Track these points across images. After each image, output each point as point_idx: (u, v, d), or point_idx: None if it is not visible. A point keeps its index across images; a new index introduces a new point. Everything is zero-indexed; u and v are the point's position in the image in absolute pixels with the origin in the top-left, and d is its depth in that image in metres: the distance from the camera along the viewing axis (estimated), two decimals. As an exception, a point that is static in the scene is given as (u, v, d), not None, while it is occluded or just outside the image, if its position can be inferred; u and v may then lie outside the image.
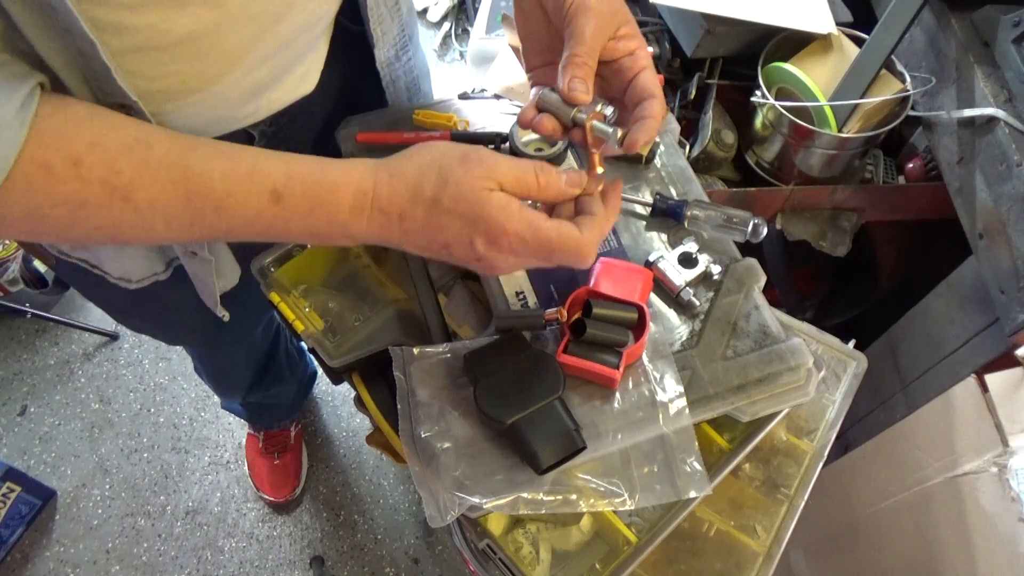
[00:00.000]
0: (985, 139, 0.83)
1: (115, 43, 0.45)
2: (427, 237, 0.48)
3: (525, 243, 0.47)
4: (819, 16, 0.97)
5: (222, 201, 0.46)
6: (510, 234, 0.46)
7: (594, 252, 0.49)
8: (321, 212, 0.47)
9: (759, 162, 1.03)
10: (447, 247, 0.48)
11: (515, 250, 0.47)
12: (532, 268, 0.53)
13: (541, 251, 0.48)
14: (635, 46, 0.53)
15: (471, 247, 0.47)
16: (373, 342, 0.65)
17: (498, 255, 0.48)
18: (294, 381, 1.41)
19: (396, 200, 0.47)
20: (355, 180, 0.48)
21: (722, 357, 0.59)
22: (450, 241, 0.48)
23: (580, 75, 0.50)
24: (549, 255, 0.48)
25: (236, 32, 0.50)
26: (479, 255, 0.48)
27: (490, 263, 0.49)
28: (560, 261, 0.49)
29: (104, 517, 1.53)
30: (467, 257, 0.48)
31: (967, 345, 0.86)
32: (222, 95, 0.55)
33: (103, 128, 0.44)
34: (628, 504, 0.54)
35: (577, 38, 0.50)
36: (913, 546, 0.93)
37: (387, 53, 0.70)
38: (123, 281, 0.71)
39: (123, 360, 1.74)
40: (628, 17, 0.53)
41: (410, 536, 1.52)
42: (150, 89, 0.49)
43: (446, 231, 0.47)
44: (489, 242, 0.47)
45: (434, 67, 2.29)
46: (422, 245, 0.49)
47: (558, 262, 0.49)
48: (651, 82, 0.53)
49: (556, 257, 0.48)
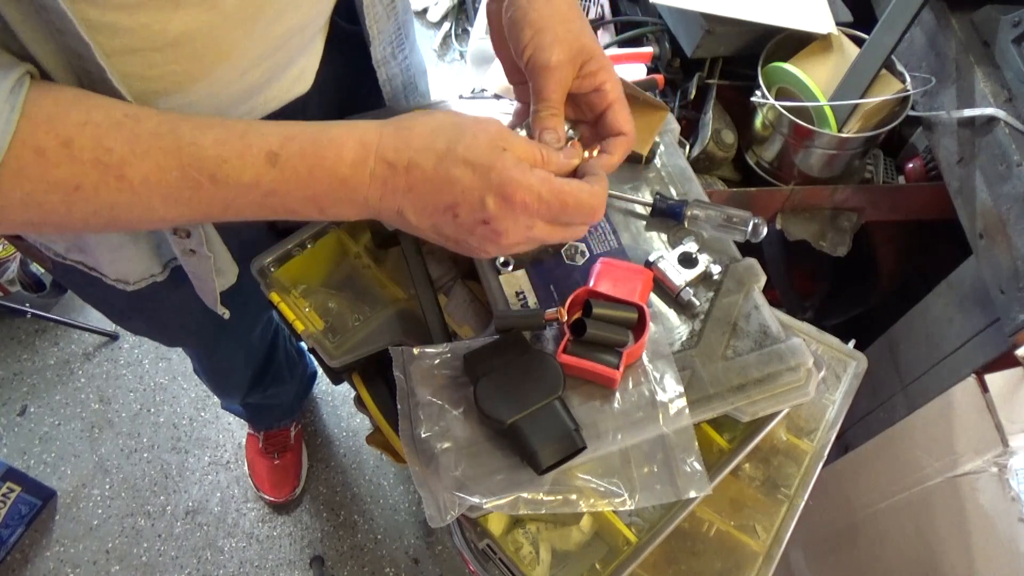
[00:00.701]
0: (985, 139, 0.83)
1: (109, 44, 0.44)
2: (434, 193, 0.46)
3: (540, 198, 0.46)
4: (819, 16, 0.97)
5: (217, 168, 0.44)
6: (524, 188, 0.45)
7: (604, 207, 0.50)
8: (321, 172, 0.46)
9: (759, 162, 1.03)
10: (453, 208, 0.46)
11: (528, 207, 0.46)
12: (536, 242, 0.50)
13: (555, 206, 0.46)
14: (601, 80, 0.53)
15: (481, 206, 0.45)
16: (373, 342, 0.65)
17: (509, 215, 0.46)
18: (294, 381, 1.41)
19: (404, 150, 0.46)
20: (358, 132, 0.47)
21: (722, 357, 0.59)
22: (458, 199, 0.46)
23: (548, 126, 0.52)
24: (562, 210, 0.47)
25: (231, 33, 0.50)
26: (488, 215, 0.46)
27: (497, 228, 0.46)
28: (571, 219, 0.48)
29: (104, 517, 1.53)
30: (473, 221, 0.46)
31: (967, 345, 0.86)
32: (217, 96, 0.55)
33: (91, 108, 0.43)
34: (628, 504, 0.54)
35: (537, 95, 0.52)
36: (913, 546, 0.93)
37: (383, 51, 0.70)
38: (120, 283, 0.71)
39: (123, 360, 1.74)
40: (593, 51, 0.53)
41: (410, 536, 1.52)
42: (145, 90, 0.49)
43: (456, 185, 0.45)
44: (502, 198, 0.45)
45: (434, 67, 2.29)
46: (426, 205, 0.47)
47: (568, 220, 0.48)
48: (620, 119, 0.54)
49: (569, 213, 0.47)
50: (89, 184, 0.43)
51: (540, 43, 0.51)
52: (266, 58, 0.56)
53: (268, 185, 0.45)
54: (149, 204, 0.45)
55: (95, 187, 0.43)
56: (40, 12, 0.41)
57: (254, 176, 0.45)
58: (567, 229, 0.50)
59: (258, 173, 0.45)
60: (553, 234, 0.49)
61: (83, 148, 0.42)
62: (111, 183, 0.43)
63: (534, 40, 0.51)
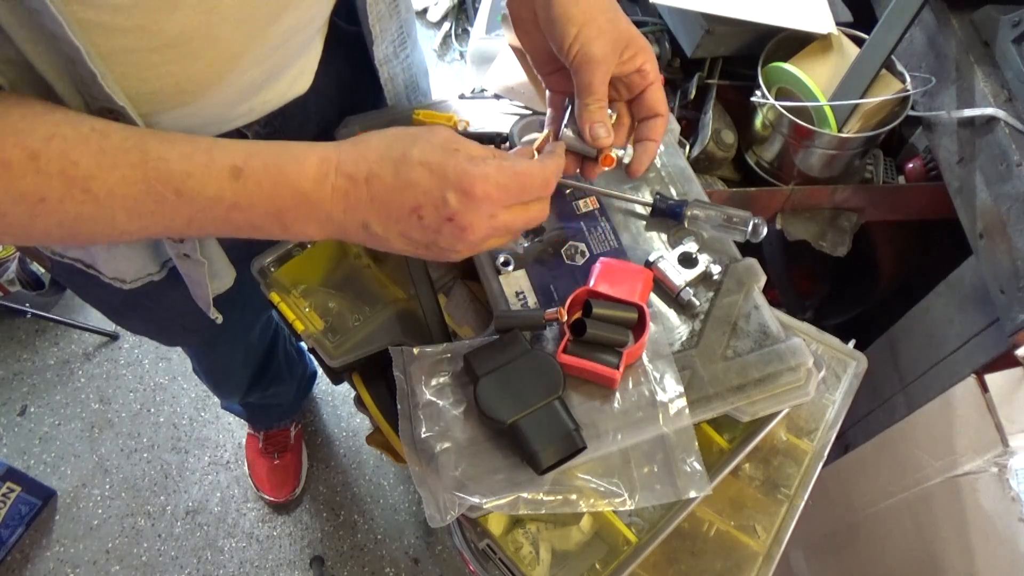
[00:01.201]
0: (985, 139, 0.83)
1: (106, 44, 0.44)
2: (396, 200, 0.47)
3: (498, 185, 0.47)
4: (819, 16, 0.97)
5: (182, 183, 0.44)
6: (481, 178, 0.46)
7: (554, 183, 0.52)
8: (284, 186, 0.46)
9: (759, 162, 1.03)
10: (416, 210, 0.47)
11: (488, 195, 0.47)
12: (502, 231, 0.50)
13: (513, 188, 0.48)
14: (641, 62, 0.55)
15: (443, 203, 0.46)
16: (373, 342, 0.65)
17: (471, 207, 0.47)
18: (293, 381, 1.41)
19: (362, 163, 0.47)
20: (319, 150, 0.48)
21: (722, 357, 0.59)
22: (420, 200, 0.47)
23: (598, 119, 0.54)
24: (520, 191, 0.49)
25: (229, 33, 0.50)
26: (451, 211, 0.47)
27: (461, 222, 0.47)
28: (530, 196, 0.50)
29: (104, 517, 1.53)
30: (439, 219, 0.47)
31: (967, 345, 0.86)
32: (215, 96, 0.55)
33: (59, 122, 0.43)
34: (628, 504, 0.54)
35: (585, 89, 0.53)
36: (913, 546, 0.93)
37: (385, 51, 0.70)
38: (117, 281, 0.71)
39: (123, 360, 1.74)
40: (632, 34, 0.55)
41: (410, 536, 1.52)
42: (142, 91, 0.49)
43: (416, 188, 0.46)
44: (462, 193, 0.46)
45: (434, 67, 2.29)
46: (390, 213, 0.48)
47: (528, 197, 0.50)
48: (657, 99, 0.56)
49: (527, 191, 0.49)
50: (54, 196, 0.43)
51: (587, 37, 0.52)
52: (265, 58, 0.56)
53: (231, 199, 0.46)
54: (113, 217, 0.45)
55: (60, 199, 0.43)
56: (32, 15, 0.41)
57: (218, 190, 0.45)
58: (527, 209, 0.51)
59: (222, 187, 0.45)
60: (515, 218, 0.50)
61: (49, 161, 0.42)
62: (76, 195, 0.43)
63: (580, 35, 0.52)
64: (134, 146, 0.44)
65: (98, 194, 0.44)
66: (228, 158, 0.46)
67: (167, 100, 0.51)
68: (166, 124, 0.53)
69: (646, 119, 0.57)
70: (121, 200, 0.44)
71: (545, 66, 0.60)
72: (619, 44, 0.53)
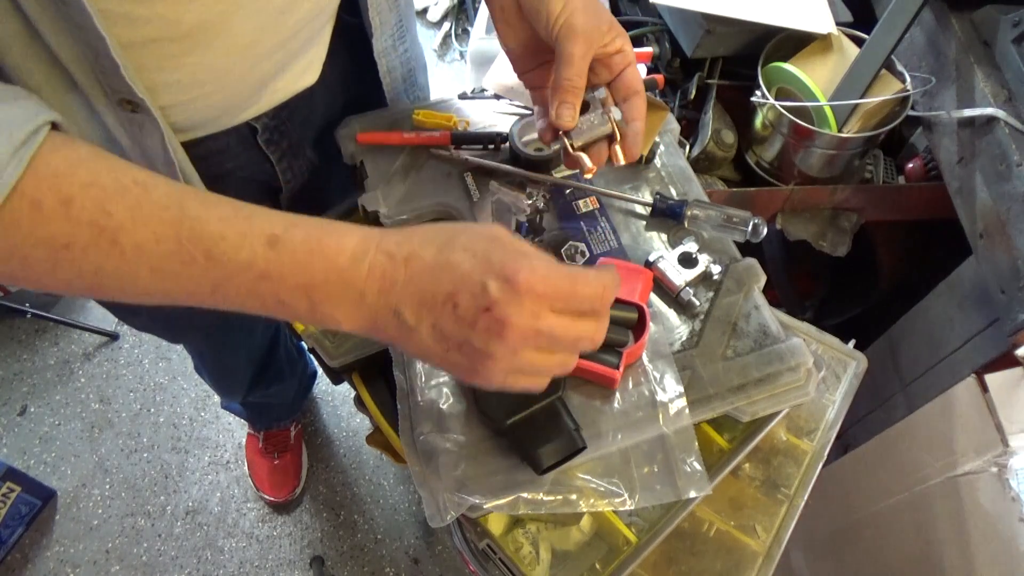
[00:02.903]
0: (985, 139, 0.83)
1: (126, 35, 0.45)
2: (433, 282, 0.43)
3: (546, 280, 0.41)
4: (819, 16, 0.97)
5: (214, 245, 0.42)
6: (528, 268, 0.41)
7: (612, 295, 0.45)
8: (319, 258, 0.43)
9: (759, 162, 1.03)
10: (452, 296, 0.42)
11: (532, 288, 0.41)
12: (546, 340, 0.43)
13: (563, 288, 0.42)
14: (620, 44, 0.56)
15: (482, 290, 0.41)
16: (373, 342, 0.65)
17: (513, 299, 0.41)
18: (294, 380, 1.41)
19: (405, 244, 0.44)
20: (363, 229, 0.45)
21: (722, 357, 0.59)
22: (457, 286, 0.42)
23: (568, 100, 0.53)
24: (571, 293, 0.43)
25: (244, 23, 0.51)
26: (490, 300, 0.41)
27: (500, 315, 0.41)
28: (580, 304, 0.44)
29: (104, 517, 1.53)
30: (475, 309, 0.42)
31: (967, 345, 0.86)
32: (230, 86, 0.56)
33: (102, 170, 0.42)
34: (628, 504, 0.54)
35: (566, 60, 0.53)
36: (913, 546, 0.93)
37: (384, 43, 0.71)
38: None
39: (123, 360, 1.74)
40: (611, 18, 0.55)
41: (410, 536, 1.52)
42: (160, 81, 0.49)
43: (455, 271, 0.42)
44: (504, 280, 0.41)
45: (434, 67, 2.29)
46: (424, 297, 0.43)
47: (578, 305, 0.44)
48: (635, 77, 0.56)
49: (578, 296, 0.43)
50: (79, 244, 0.41)
51: (572, 10, 0.53)
52: (278, 48, 0.57)
53: (262, 267, 0.43)
54: (136, 273, 0.43)
55: (84, 248, 0.41)
56: (59, 7, 0.41)
57: (250, 256, 0.43)
58: (580, 321, 0.44)
59: (255, 253, 0.43)
60: (564, 327, 0.43)
61: (83, 209, 0.40)
62: (103, 246, 0.41)
63: (566, 8, 0.53)
64: (173, 203, 0.42)
65: (125, 247, 0.42)
66: (268, 226, 0.43)
67: (183, 91, 0.52)
68: (180, 115, 0.54)
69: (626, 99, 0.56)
70: (148, 256, 0.42)
71: (528, 60, 0.60)
72: (602, 22, 0.54)
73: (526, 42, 0.58)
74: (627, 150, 0.56)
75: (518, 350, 0.42)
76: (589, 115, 0.55)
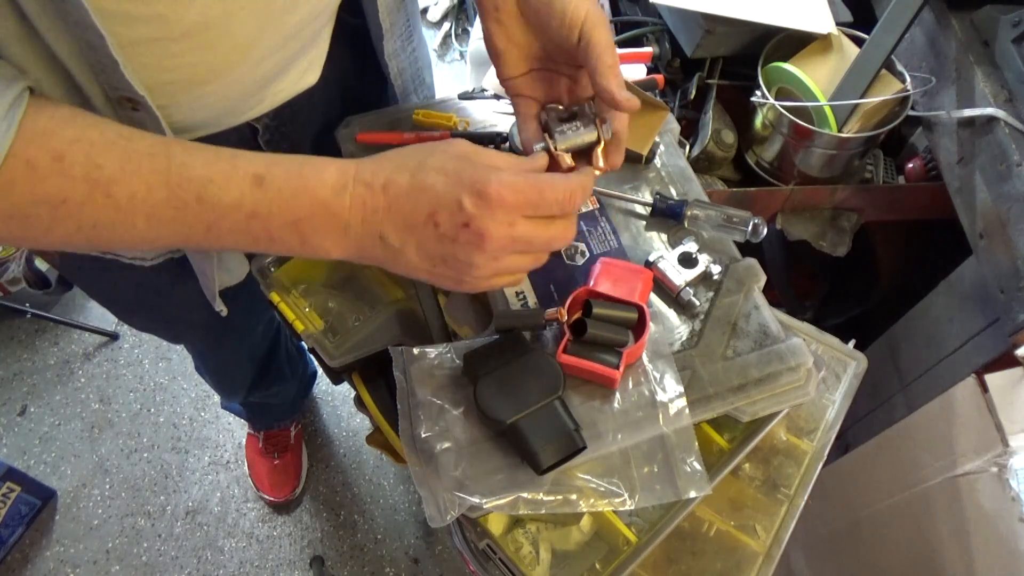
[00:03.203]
0: (985, 139, 0.83)
1: (126, 34, 0.45)
2: (412, 205, 0.47)
3: (514, 188, 0.45)
4: (819, 16, 0.97)
5: (203, 188, 0.45)
6: (496, 180, 0.45)
7: (581, 199, 0.49)
8: (303, 194, 0.47)
9: (759, 162, 1.03)
10: (432, 216, 0.46)
11: (504, 199, 0.45)
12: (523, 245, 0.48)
13: (531, 195, 0.46)
14: None
15: (459, 207, 0.45)
16: (373, 342, 0.65)
17: (487, 211, 0.45)
18: (294, 380, 1.41)
19: (379, 172, 0.47)
20: (338, 162, 0.48)
21: (722, 357, 0.59)
22: (435, 206, 0.46)
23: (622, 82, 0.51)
24: (540, 199, 0.46)
25: (245, 23, 0.51)
26: (467, 216, 0.45)
27: (478, 228, 0.45)
28: (550, 207, 0.47)
29: (104, 517, 1.53)
30: (455, 226, 0.46)
31: (967, 345, 0.86)
32: (230, 87, 0.55)
33: (86, 127, 0.44)
34: (628, 504, 0.54)
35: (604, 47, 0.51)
36: (913, 546, 0.93)
37: (395, 44, 0.70)
38: (138, 260, 0.71)
39: (123, 360, 1.74)
40: None
41: (410, 536, 1.52)
42: (160, 80, 0.49)
43: (431, 191, 0.46)
44: (477, 195, 0.45)
45: (434, 67, 2.29)
46: (406, 220, 0.47)
47: (548, 208, 0.47)
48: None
49: (547, 201, 0.47)
50: (76, 199, 0.43)
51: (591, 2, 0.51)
52: (279, 48, 0.57)
53: (251, 207, 0.46)
54: (132, 223, 0.46)
55: (81, 202, 0.44)
56: (57, 4, 0.41)
57: (239, 196, 0.46)
58: (549, 225, 0.49)
59: (243, 193, 0.46)
60: (537, 231, 0.48)
61: (74, 164, 0.43)
62: (98, 199, 0.44)
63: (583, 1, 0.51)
64: (159, 152, 0.45)
65: (119, 199, 0.44)
66: (250, 166, 0.46)
67: (183, 90, 0.52)
68: (181, 115, 0.54)
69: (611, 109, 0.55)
70: (142, 205, 0.45)
71: (517, 64, 0.57)
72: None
73: (519, 43, 0.56)
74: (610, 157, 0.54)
75: (498, 257, 0.47)
76: (576, 122, 0.54)
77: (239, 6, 0.49)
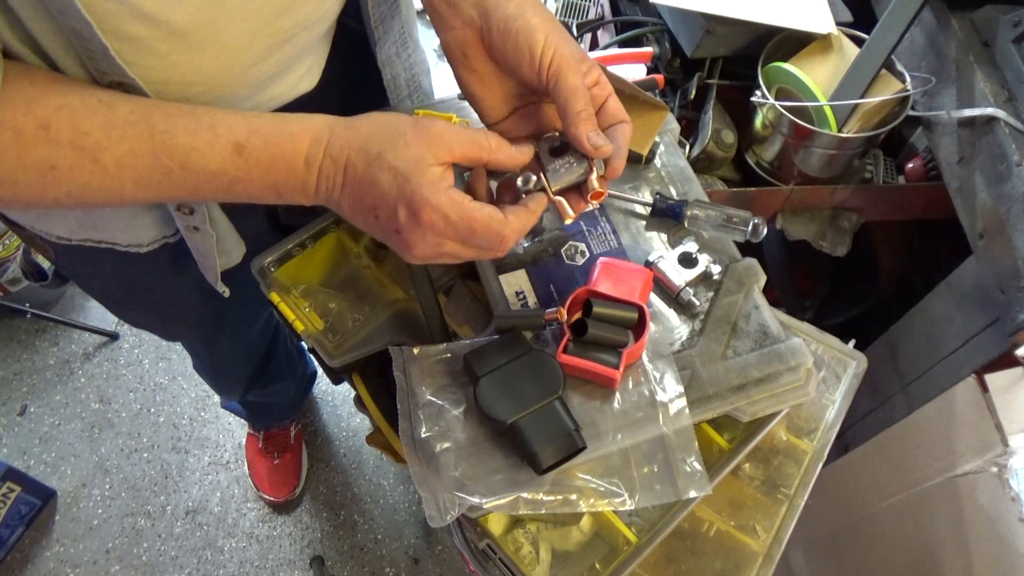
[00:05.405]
0: (985, 139, 0.83)
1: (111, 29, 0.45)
2: (361, 193, 0.49)
3: (447, 219, 0.47)
4: (819, 16, 0.97)
5: (187, 156, 0.47)
6: (432, 207, 0.46)
7: (512, 242, 0.50)
8: (281, 163, 0.49)
9: (759, 162, 1.03)
10: (374, 210, 0.49)
11: (434, 226, 0.47)
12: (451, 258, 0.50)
13: (462, 229, 0.47)
14: (596, 74, 0.52)
15: (393, 214, 0.47)
16: (373, 342, 0.65)
17: (416, 230, 0.47)
18: (294, 380, 1.41)
19: (345, 148, 0.49)
20: (314, 128, 0.49)
21: (722, 357, 0.59)
22: (378, 203, 0.48)
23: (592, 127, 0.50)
24: (469, 235, 0.48)
25: (236, 27, 0.50)
26: (399, 226, 0.48)
27: (406, 239, 0.48)
28: (479, 244, 0.49)
29: (104, 517, 1.53)
30: (388, 227, 0.49)
31: (967, 345, 0.86)
32: (222, 90, 0.55)
33: (67, 92, 0.45)
34: (628, 504, 0.54)
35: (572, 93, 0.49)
36: (913, 546, 0.93)
37: (388, 51, 0.70)
38: (133, 247, 0.71)
39: (123, 360, 1.74)
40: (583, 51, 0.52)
41: (410, 536, 1.52)
42: (148, 79, 0.49)
43: (378, 189, 0.48)
44: (411, 213, 0.47)
45: (434, 67, 2.28)
46: (355, 203, 0.49)
47: (476, 244, 0.49)
48: (619, 106, 0.53)
49: (476, 238, 0.48)
50: (64, 165, 0.45)
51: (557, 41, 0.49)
52: (272, 53, 0.56)
53: (233, 173, 0.49)
54: (120, 187, 0.47)
55: (70, 168, 0.45)
56: None
57: (221, 164, 0.48)
58: (479, 251, 0.50)
59: (224, 162, 0.48)
60: (465, 252, 0.50)
61: (60, 131, 0.44)
62: (86, 165, 0.45)
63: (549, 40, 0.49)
64: (140, 119, 0.46)
65: (107, 165, 0.46)
66: (231, 135, 0.48)
67: (173, 91, 0.52)
68: None
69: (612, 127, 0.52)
70: (129, 170, 0.46)
71: (500, 108, 0.55)
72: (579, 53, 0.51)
73: (495, 87, 0.54)
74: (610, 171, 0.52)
75: (423, 260, 0.50)
76: (567, 157, 0.51)
77: (229, 10, 0.49)
